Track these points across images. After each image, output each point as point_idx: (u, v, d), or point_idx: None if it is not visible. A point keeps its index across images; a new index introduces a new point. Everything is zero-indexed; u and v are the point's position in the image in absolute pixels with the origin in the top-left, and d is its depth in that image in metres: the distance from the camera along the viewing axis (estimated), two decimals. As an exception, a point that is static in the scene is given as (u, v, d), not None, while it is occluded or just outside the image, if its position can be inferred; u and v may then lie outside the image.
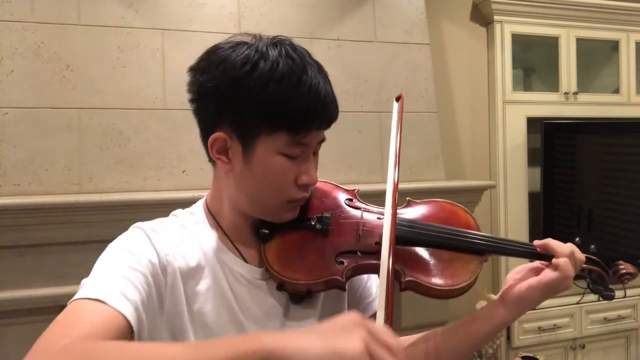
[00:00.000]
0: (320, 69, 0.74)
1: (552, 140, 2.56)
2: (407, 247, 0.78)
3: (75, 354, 0.50)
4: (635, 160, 2.78)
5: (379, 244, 0.71)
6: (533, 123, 2.62)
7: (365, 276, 0.88)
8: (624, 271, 0.85)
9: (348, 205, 0.84)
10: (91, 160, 1.84)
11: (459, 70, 2.67)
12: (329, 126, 0.76)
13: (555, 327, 2.61)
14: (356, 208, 0.84)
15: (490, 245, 0.80)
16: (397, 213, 0.82)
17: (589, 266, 0.84)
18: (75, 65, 1.85)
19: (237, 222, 0.79)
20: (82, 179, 1.83)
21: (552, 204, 2.59)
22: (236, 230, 0.79)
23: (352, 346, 0.49)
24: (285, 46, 0.72)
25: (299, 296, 0.78)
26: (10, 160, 1.75)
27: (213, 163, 0.79)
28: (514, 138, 2.62)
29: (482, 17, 2.68)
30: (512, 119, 2.62)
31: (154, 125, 1.93)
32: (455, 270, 0.76)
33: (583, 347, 2.68)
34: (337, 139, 2.12)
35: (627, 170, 2.78)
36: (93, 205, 1.67)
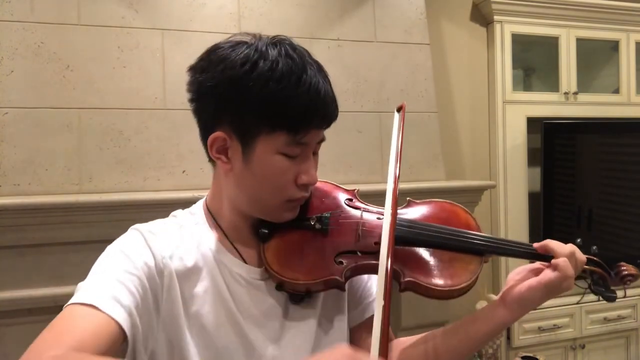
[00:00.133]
0: (320, 68, 0.74)
1: (552, 140, 2.56)
2: (406, 248, 0.78)
3: None
4: (635, 160, 2.78)
5: (379, 244, 0.71)
6: (533, 123, 2.62)
7: (366, 276, 0.87)
8: (626, 272, 0.84)
9: (348, 205, 0.84)
10: (91, 160, 1.84)
11: (459, 70, 2.67)
12: (328, 126, 0.75)
13: (555, 327, 2.61)
14: (356, 208, 0.83)
15: (490, 246, 0.80)
16: (397, 214, 0.82)
17: (591, 267, 0.83)
18: (75, 65, 1.85)
19: (236, 221, 0.79)
20: (82, 179, 1.83)
21: (552, 204, 2.58)
22: (236, 230, 0.79)
23: None
24: (285, 46, 0.72)
25: (299, 296, 0.78)
26: (10, 160, 1.75)
27: (213, 163, 0.79)
28: (514, 138, 2.62)
29: (482, 17, 2.68)
30: (512, 119, 2.62)
31: (154, 125, 1.93)
32: (455, 271, 0.76)
33: (583, 347, 2.68)
34: (337, 139, 2.12)
35: (627, 170, 2.78)
36: (93, 205, 1.67)
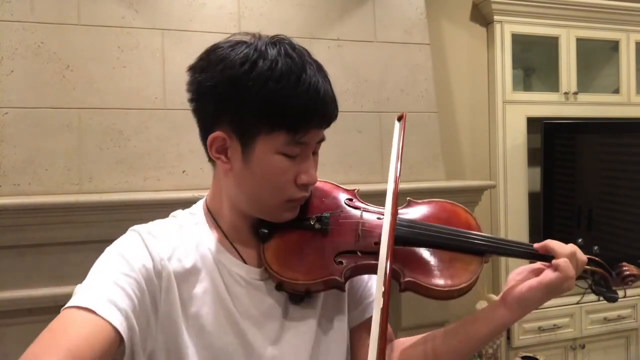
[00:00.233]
0: (320, 68, 0.74)
1: (552, 140, 2.56)
2: (407, 247, 0.77)
3: None
4: (635, 160, 2.78)
5: (379, 244, 0.71)
6: (533, 123, 2.62)
7: (366, 276, 0.87)
8: (628, 273, 0.83)
9: (348, 205, 0.84)
10: (91, 160, 1.84)
11: (459, 70, 2.67)
12: (328, 125, 0.75)
13: (555, 327, 2.61)
14: (356, 208, 0.83)
15: (491, 246, 0.80)
16: (398, 213, 0.82)
17: (592, 267, 0.82)
18: (75, 65, 1.85)
19: (236, 221, 0.79)
20: (82, 179, 1.83)
21: (552, 204, 2.58)
22: (235, 230, 0.79)
23: None
24: (285, 45, 0.72)
25: (298, 296, 0.77)
26: (10, 160, 1.75)
27: (213, 163, 0.79)
28: (514, 138, 2.62)
29: (482, 17, 2.68)
30: (512, 119, 2.62)
31: (154, 125, 1.92)
32: (456, 271, 0.76)
33: (583, 347, 2.68)
34: (337, 139, 2.12)
35: (627, 170, 2.78)
36: (93, 205, 1.67)
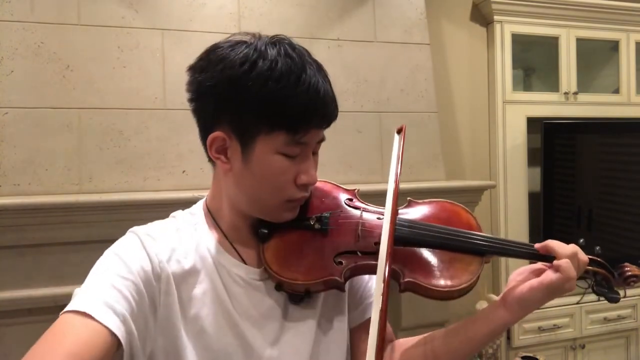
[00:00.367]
0: (320, 68, 0.74)
1: (552, 140, 2.56)
2: (407, 248, 0.77)
3: None
4: (635, 160, 2.78)
5: (379, 244, 0.70)
6: (533, 123, 2.62)
7: (366, 276, 0.87)
8: (630, 273, 0.82)
9: (348, 205, 0.83)
10: (91, 160, 1.84)
11: (459, 70, 2.67)
12: (328, 125, 0.75)
13: (555, 327, 2.61)
14: (356, 208, 0.83)
15: (491, 246, 0.79)
16: (398, 213, 0.82)
17: (593, 268, 0.81)
18: (75, 65, 1.85)
19: (236, 221, 0.79)
20: (82, 179, 1.83)
21: (552, 204, 2.58)
22: (235, 230, 0.79)
23: None
24: (284, 45, 0.72)
25: (298, 296, 0.77)
26: (10, 160, 1.75)
27: (213, 163, 0.79)
28: (514, 138, 2.62)
29: (482, 17, 2.68)
30: (512, 119, 2.62)
31: (154, 125, 1.92)
32: (456, 272, 0.75)
33: (583, 347, 2.68)
34: (337, 139, 2.12)
35: (627, 170, 2.78)
36: (93, 205, 1.67)
